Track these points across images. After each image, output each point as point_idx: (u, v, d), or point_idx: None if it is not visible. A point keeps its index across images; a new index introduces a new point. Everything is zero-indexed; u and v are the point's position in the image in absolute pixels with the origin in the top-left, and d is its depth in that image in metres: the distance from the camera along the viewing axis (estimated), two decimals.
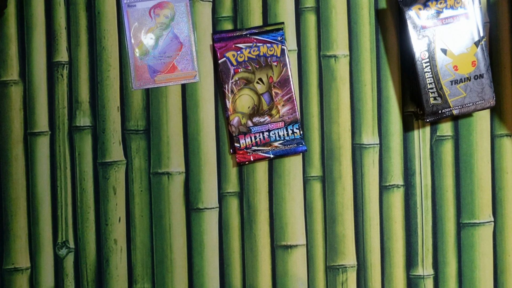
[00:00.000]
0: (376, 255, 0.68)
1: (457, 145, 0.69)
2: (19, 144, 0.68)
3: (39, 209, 0.68)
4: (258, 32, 0.67)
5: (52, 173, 0.68)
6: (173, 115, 0.68)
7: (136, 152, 0.68)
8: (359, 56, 0.69)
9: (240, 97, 0.67)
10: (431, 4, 0.64)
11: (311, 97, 0.69)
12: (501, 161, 0.68)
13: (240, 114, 0.67)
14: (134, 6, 0.68)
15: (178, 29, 0.68)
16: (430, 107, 0.64)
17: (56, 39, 0.68)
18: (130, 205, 0.68)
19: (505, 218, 0.68)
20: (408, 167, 0.68)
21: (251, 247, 0.68)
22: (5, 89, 0.68)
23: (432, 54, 0.64)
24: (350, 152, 0.68)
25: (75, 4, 0.69)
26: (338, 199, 0.68)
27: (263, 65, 0.67)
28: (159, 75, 0.68)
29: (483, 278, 0.68)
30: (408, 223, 0.68)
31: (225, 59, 0.67)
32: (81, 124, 0.68)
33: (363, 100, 0.69)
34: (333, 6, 0.69)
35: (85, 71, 0.68)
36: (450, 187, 0.68)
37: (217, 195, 0.68)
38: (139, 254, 0.68)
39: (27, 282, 0.68)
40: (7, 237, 0.68)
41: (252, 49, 0.67)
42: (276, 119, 0.67)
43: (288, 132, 0.67)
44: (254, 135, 0.67)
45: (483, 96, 0.64)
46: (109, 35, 0.68)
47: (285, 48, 0.67)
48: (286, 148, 0.67)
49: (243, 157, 0.67)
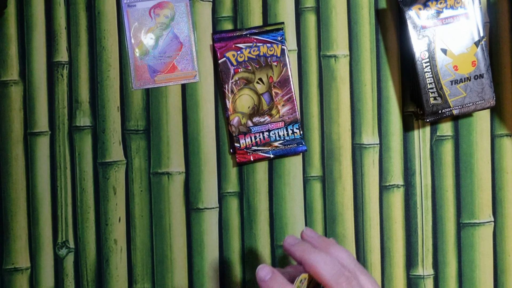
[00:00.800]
0: (376, 255, 0.68)
1: (457, 145, 0.69)
2: (19, 144, 0.68)
3: (39, 209, 0.68)
4: (258, 32, 0.67)
5: (52, 173, 0.68)
6: (173, 115, 0.68)
7: (136, 152, 0.68)
8: (359, 56, 0.69)
9: (240, 97, 0.67)
10: (431, 4, 0.64)
11: (311, 97, 0.69)
12: (501, 161, 0.68)
13: (240, 114, 0.67)
14: (134, 6, 0.68)
15: (178, 29, 0.68)
16: (430, 107, 0.64)
17: (56, 39, 0.68)
18: (130, 205, 0.68)
19: (505, 218, 0.68)
20: (408, 167, 0.68)
21: (251, 247, 0.68)
22: (5, 89, 0.68)
23: (432, 54, 0.64)
24: (350, 152, 0.68)
25: (75, 4, 0.69)
26: (338, 199, 0.68)
27: (263, 65, 0.67)
28: (159, 75, 0.68)
29: (483, 278, 0.68)
30: (408, 223, 0.68)
31: (225, 59, 0.67)
32: (81, 124, 0.68)
33: (363, 100, 0.69)
34: (333, 6, 0.69)
35: (85, 71, 0.68)
36: (450, 187, 0.68)
37: (217, 195, 0.68)
38: (139, 254, 0.68)
39: (27, 282, 0.68)
40: (7, 237, 0.68)
41: (252, 49, 0.67)
42: (276, 119, 0.67)
43: (288, 132, 0.67)
44: (254, 135, 0.67)
45: (483, 96, 0.64)
46: (109, 35, 0.68)
47: (285, 48, 0.67)
48: (286, 148, 0.67)
49: (243, 157, 0.67)
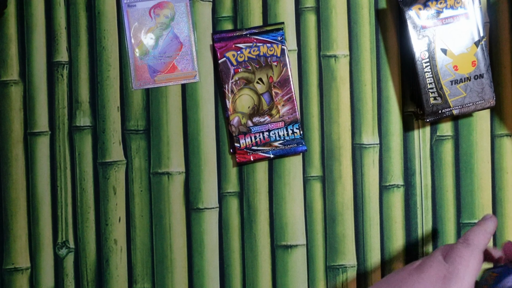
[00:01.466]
0: (376, 255, 0.68)
1: (457, 145, 0.69)
2: (19, 144, 0.68)
3: (39, 209, 0.68)
4: (258, 32, 0.67)
5: (52, 173, 0.68)
6: (173, 115, 0.68)
7: (136, 152, 0.68)
8: (359, 56, 0.69)
9: (240, 97, 0.67)
10: (431, 4, 0.64)
11: (311, 97, 0.69)
12: (501, 161, 0.68)
13: (240, 114, 0.67)
14: (134, 6, 0.68)
15: (178, 29, 0.68)
16: (430, 107, 0.64)
17: (56, 39, 0.68)
18: (130, 205, 0.68)
19: (505, 218, 0.68)
20: (408, 167, 0.68)
21: (251, 247, 0.68)
22: (5, 89, 0.68)
23: (432, 54, 0.64)
24: (350, 152, 0.68)
25: (75, 4, 0.69)
26: (338, 199, 0.68)
27: (263, 65, 0.67)
28: (159, 75, 0.68)
29: None
30: (408, 223, 0.68)
31: (225, 59, 0.67)
32: (81, 124, 0.68)
33: (363, 100, 0.69)
34: (333, 6, 0.69)
35: (85, 71, 0.68)
36: (450, 187, 0.68)
37: (217, 195, 0.68)
38: (139, 254, 0.68)
39: (27, 282, 0.68)
40: (7, 237, 0.68)
41: (252, 49, 0.67)
42: (276, 119, 0.67)
43: (288, 132, 0.67)
44: (254, 135, 0.67)
45: (483, 96, 0.64)
46: (109, 35, 0.68)
47: (285, 48, 0.67)
48: (286, 148, 0.67)
49: (243, 157, 0.67)
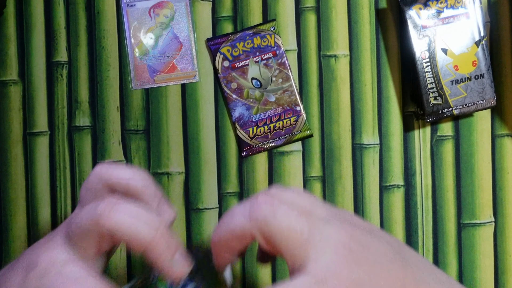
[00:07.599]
0: None
1: (457, 145, 0.68)
2: (19, 144, 0.68)
3: (38, 209, 0.68)
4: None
5: (52, 173, 0.68)
6: (173, 115, 0.68)
7: (135, 152, 0.68)
8: (359, 56, 0.68)
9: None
10: (432, 3, 0.64)
11: (311, 97, 0.68)
12: (502, 161, 0.68)
13: None
14: (133, 6, 0.68)
15: (178, 29, 0.68)
16: (431, 107, 0.64)
17: (56, 39, 0.68)
18: None
19: (506, 218, 0.68)
20: (408, 167, 0.68)
21: (251, 247, 0.68)
22: (4, 89, 0.68)
23: (433, 54, 0.64)
24: (350, 152, 0.68)
25: (74, 3, 0.68)
26: (338, 199, 0.68)
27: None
28: (159, 75, 0.68)
29: (483, 279, 0.68)
30: (408, 223, 0.68)
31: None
32: (80, 124, 0.68)
33: (363, 100, 0.68)
34: (333, 6, 0.68)
35: (85, 71, 0.68)
36: (451, 187, 0.68)
37: (217, 195, 0.68)
38: (139, 255, 0.68)
39: None
40: (6, 237, 0.68)
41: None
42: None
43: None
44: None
45: (483, 96, 0.64)
46: (108, 35, 0.68)
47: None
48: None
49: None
